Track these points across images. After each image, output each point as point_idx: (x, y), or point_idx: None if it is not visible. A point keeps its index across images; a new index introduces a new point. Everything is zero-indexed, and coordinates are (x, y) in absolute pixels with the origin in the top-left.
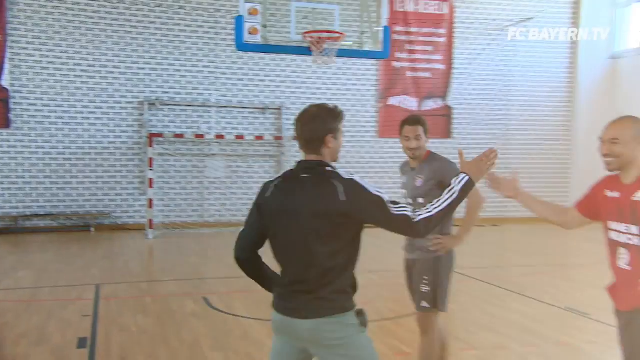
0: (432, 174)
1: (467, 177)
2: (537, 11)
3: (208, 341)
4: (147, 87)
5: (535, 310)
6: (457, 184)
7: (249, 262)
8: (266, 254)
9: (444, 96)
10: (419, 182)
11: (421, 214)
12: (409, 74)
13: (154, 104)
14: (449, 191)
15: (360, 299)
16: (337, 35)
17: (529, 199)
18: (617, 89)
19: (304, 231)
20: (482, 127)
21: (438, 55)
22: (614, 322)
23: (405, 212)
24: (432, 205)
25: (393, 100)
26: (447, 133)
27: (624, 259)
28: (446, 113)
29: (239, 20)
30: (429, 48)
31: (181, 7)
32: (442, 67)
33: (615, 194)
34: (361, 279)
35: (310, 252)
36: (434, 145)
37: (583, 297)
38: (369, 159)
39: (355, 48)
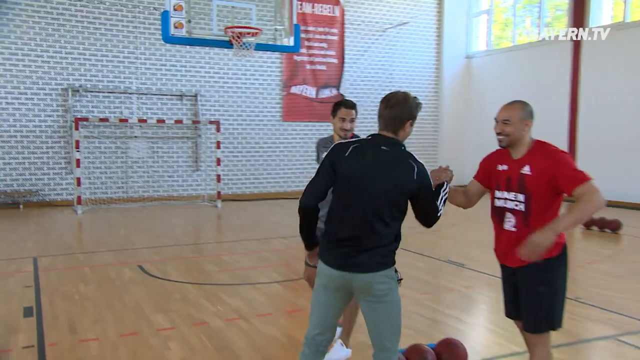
0: None
1: (447, 183)
2: (410, 17)
3: (149, 304)
4: (70, 75)
5: (423, 264)
6: (444, 190)
7: (313, 211)
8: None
9: (337, 86)
10: None
11: (441, 209)
12: (308, 66)
13: (77, 91)
14: (444, 192)
15: (279, 262)
16: (255, 30)
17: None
18: (471, 82)
19: (379, 198)
20: (369, 112)
21: (332, 50)
22: (484, 270)
23: (439, 203)
24: (440, 203)
25: (295, 89)
26: None
27: (510, 222)
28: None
29: (165, 15)
30: (324, 45)
31: (101, 2)
32: (335, 61)
33: (505, 167)
34: (278, 244)
35: (379, 217)
36: (330, 128)
37: (457, 251)
38: (275, 140)
39: (270, 43)
